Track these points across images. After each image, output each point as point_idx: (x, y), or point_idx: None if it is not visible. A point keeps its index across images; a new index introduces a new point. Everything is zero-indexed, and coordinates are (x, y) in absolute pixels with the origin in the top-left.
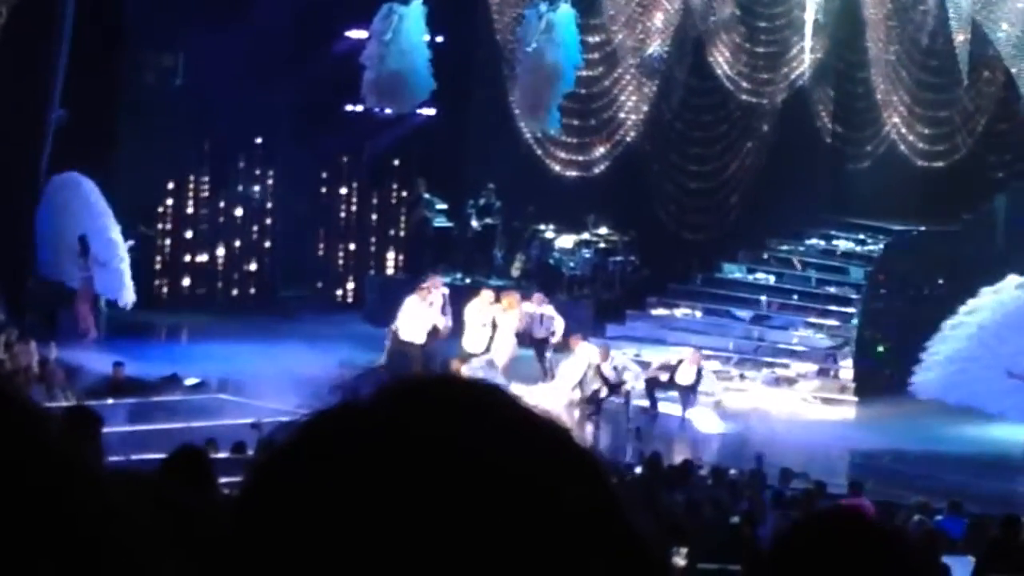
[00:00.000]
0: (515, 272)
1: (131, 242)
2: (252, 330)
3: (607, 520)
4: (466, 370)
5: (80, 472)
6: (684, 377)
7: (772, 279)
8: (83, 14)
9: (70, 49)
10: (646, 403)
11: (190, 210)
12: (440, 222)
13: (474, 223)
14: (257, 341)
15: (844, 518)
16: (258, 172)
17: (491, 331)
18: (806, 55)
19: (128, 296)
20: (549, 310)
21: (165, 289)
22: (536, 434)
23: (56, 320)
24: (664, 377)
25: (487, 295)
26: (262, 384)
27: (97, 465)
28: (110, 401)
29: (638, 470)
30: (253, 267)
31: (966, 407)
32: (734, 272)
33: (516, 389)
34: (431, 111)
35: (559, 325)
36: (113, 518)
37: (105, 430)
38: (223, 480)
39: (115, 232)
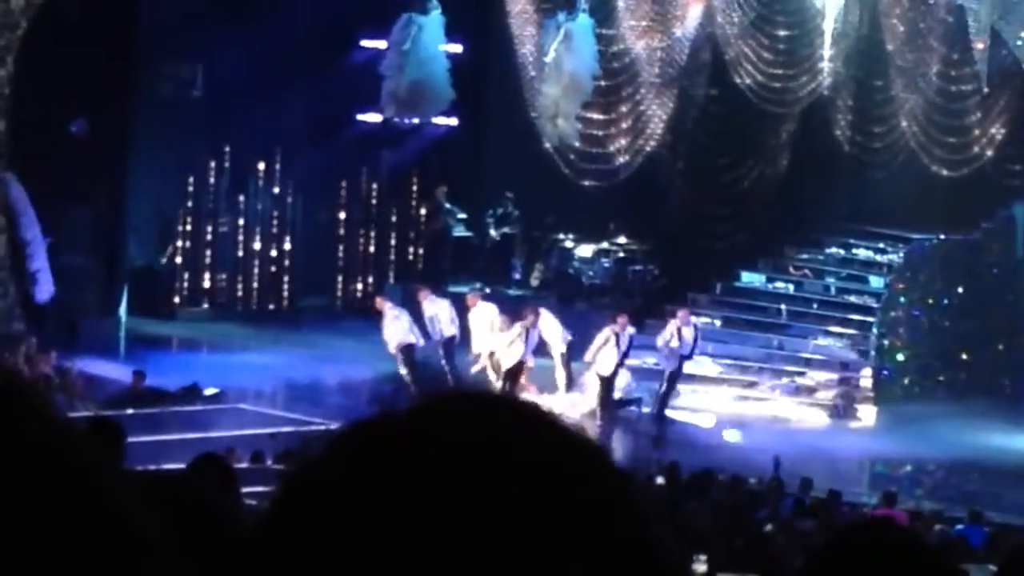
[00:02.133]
0: (534, 281)
1: (48, 239)
2: (271, 340)
3: (631, 531)
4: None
5: (102, 477)
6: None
7: (792, 288)
8: (101, 25)
9: (88, 60)
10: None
11: (209, 220)
12: (459, 231)
13: (493, 232)
14: (276, 351)
15: (881, 531)
16: (277, 182)
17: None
18: (825, 64)
19: (42, 293)
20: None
21: (184, 299)
22: (568, 448)
23: (77, 330)
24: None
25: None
26: (281, 394)
27: (120, 471)
28: (130, 411)
29: (659, 480)
30: (272, 277)
31: None
32: (753, 281)
33: (542, 398)
34: (450, 120)
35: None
36: (134, 521)
37: None
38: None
39: (34, 230)
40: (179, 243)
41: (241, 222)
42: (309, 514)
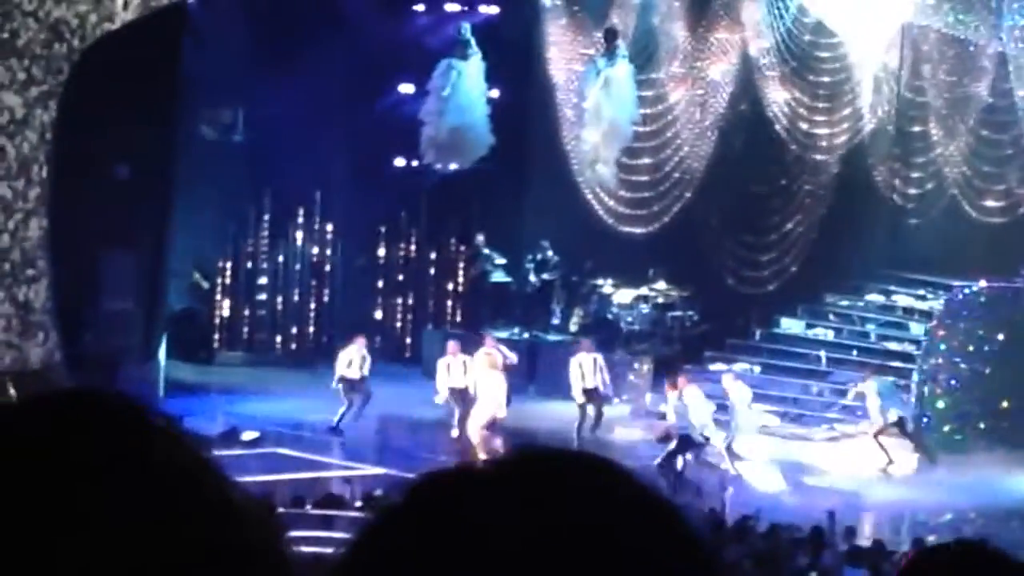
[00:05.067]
0: (573, 327)
1: None
2: (310, 384)
3: None
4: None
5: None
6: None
7: (831, 334)
8: (143, 70)
9: (130, 104)
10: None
11: (248, 264)
12: (498, 277)
13: (532, 278)
14: (314, 395)
15: (970, 551)
16: (316, 226)
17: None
18: (865, 109)
19: None
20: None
21: (223, 343)
22: (645, 506)
23: (116, 374)
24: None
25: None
26: (320, 438)
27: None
28: None
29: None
30: (311, 321)
31: None
32: (792, 327)
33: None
34: (490, 166)
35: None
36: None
37: None
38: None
39: None
40: (219, 286)
41: (280, 265)
42: (382, 563)
